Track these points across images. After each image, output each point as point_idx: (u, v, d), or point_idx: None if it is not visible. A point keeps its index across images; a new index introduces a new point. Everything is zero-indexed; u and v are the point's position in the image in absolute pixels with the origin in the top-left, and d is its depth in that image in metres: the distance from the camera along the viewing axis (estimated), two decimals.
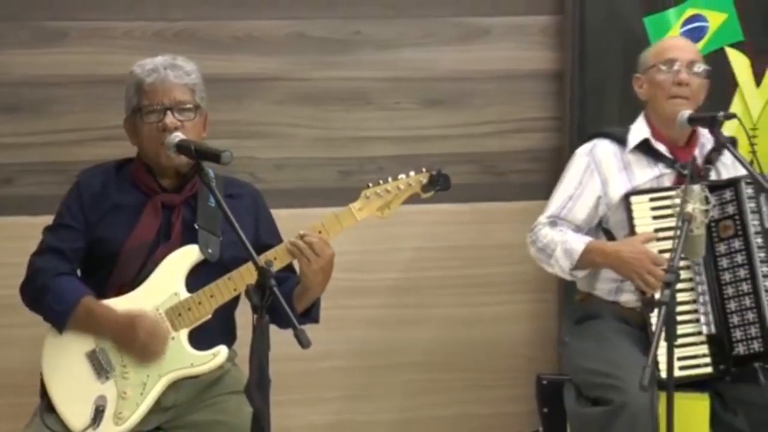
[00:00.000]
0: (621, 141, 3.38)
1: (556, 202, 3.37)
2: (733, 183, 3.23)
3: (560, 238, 3.28)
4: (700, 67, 3.35)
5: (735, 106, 3.93)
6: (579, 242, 3.26)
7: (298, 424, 3.91)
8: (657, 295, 2.76)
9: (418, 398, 4.03)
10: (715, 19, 3.94)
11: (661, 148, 3.34)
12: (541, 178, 3.92)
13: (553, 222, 3.33)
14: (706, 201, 2.98)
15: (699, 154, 3.39)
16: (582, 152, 3.40)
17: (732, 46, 3.96)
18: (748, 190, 3.22)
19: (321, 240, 2.93)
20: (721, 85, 3.86)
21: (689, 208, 2.90)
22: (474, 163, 3.98)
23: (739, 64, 3.95)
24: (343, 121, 3.91)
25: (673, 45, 3.42)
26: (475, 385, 4.04)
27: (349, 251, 3.62)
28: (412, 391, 4.03)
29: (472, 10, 3.93)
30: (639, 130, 3.37)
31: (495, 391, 4.04)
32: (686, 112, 3.24)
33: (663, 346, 2.70)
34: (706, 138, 3.38)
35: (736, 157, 3.12)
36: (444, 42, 3.92)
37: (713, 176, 3.30)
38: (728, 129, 3.34)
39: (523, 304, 3.99)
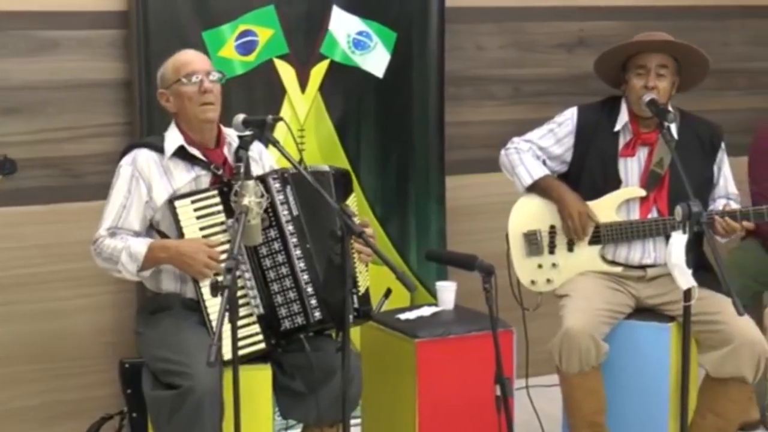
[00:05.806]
0: (159, 149, 3.44)
1: (110, 214, 3.40)
2: (262, 179, 3.33)
3: (122, 245, 3.34)
4: (215, 75, 3.45)
5: (284, 111, 4.18)
6: (141, 244, 3.34)
7: None
8: (220, 278, 2.83)
9: (3, 392, 4.04)
10: (264, 34, 4.13)
11: (195, 152, 3.44)
12: None
13: (113, 233, 3.38)
14: (260, 194, 3.16)
15: (228, 152, 3.51)
16: (125, 163, 3.44)
17: (279, 57, 4.18)
18: (276, 184, 3.37)
19: None
20: (271, 92, 4.15)
21: (245, 201, 3.07)
22: (52, 167, 4.04)
23: (286, 73, 4.19)
24: None
25: (190, 59, 3.47)
26: (62, 374, 4.10)
27: None
28: None
29: (41, 24, 3.96)
30: (173, 139, 3.45)
31: (82, 378, 4.12)
32: (241, 116, 3.32)
33: (226, 328, 2.82)
34: (231, 137, 3.51)
35: (282, 153, 3.21)
36: (15, 54, 3.94)
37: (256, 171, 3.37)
38: (278, 132, 3.45)
39: (104, 295, 4.07)
